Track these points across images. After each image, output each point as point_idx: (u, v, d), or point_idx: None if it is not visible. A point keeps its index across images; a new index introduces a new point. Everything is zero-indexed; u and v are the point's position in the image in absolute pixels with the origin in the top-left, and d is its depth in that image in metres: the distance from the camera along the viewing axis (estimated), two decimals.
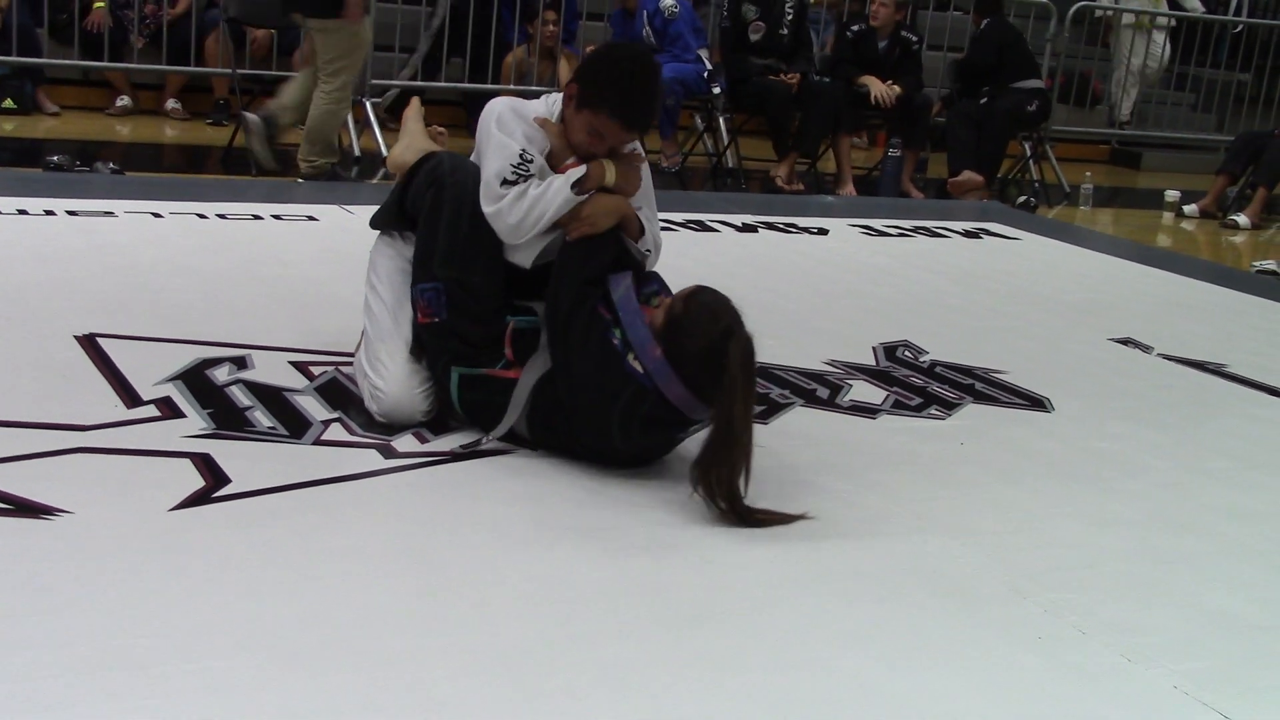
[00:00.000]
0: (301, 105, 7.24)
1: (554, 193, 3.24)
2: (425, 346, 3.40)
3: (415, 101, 4.01)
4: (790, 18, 8.77)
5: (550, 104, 3.42)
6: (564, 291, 3.21)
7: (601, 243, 3.28)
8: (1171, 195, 9.54)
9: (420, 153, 3.64)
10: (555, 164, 3.33)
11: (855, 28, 8.97)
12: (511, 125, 3.32)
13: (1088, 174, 9.81)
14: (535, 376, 3.23)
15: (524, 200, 3.24)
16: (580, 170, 3.27)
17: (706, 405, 3.08)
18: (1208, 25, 11.84)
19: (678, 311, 3.14)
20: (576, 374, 3.17)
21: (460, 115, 9.43)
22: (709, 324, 3.08)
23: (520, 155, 3.26)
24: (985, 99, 9.29)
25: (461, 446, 3.28)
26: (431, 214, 3.40)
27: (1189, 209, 9.43)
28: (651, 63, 3.41)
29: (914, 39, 9.07)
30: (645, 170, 3.46)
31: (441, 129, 3.93)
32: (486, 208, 3.27)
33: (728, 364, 2.97)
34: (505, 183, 3.25)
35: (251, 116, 7.23)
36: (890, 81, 8.74)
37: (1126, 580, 2.95)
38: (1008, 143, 9.50)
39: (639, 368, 3.12)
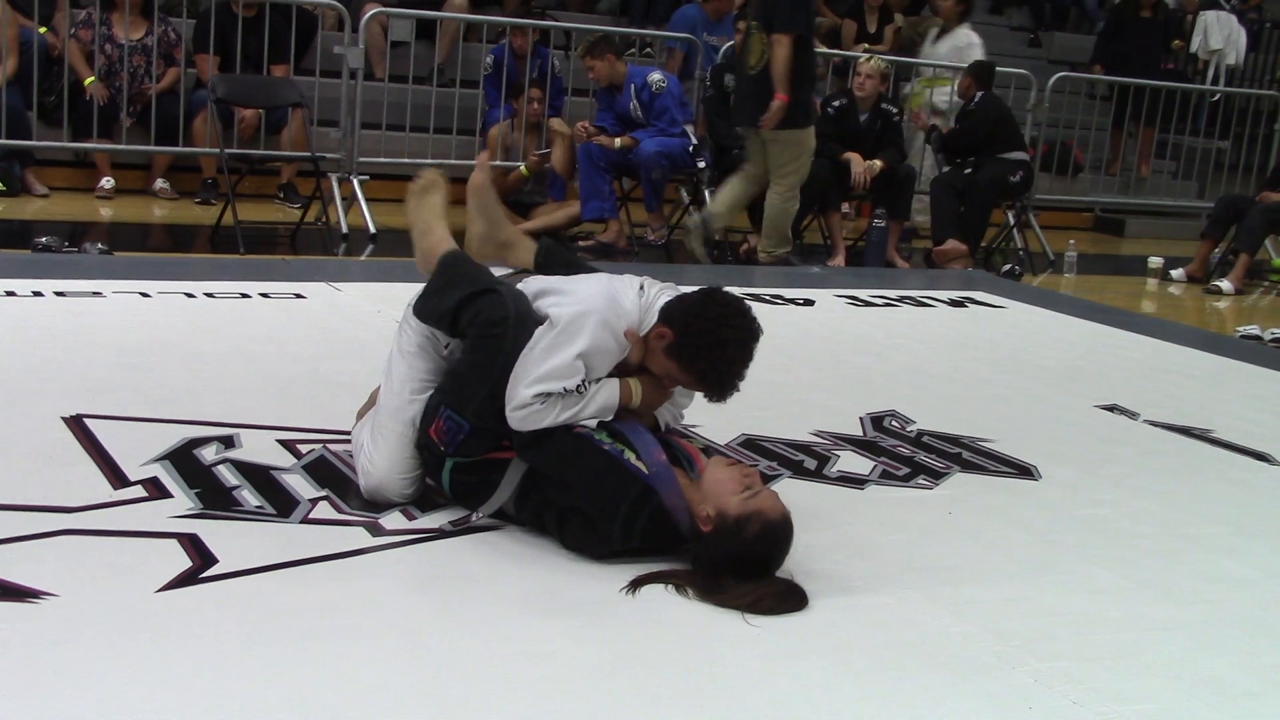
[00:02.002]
0: (735, 208, 8.31)
1: (582, 420, 3.17)
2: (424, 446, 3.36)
3: (427, 177, 3.78)
4: None
5: (644, 304, 3.22)
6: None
7: None
8: (1155, 262, 9.61)
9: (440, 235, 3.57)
10: (625, 370, 3.25)
11: (836, 103, 9.06)
12: (593, 349, 3.13)
13: (1071, 241, 9.88)
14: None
15: (543, 419, 3.13)
16: (612, 406, 3.19)
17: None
18: (1185, 94, 11.97)
19: (752, 523, 3.02)
20: (575, 481, 3.13)
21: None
22: (763, 557, 3.04)
23: (578, 388, 3.13)
24: (970, 169, 9.39)
25: (450, 523, 3.27)
26: (485, 357, 3.22)
27: (1176, 274, 9.52)
28: (754, 335, 3.17)
29: (894, 111, 9.17)
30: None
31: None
32: (509, 404, 3.14)
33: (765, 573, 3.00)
34: (542, 394, 3.12)
35: (693, 217, 8.33)
36: (869, 162, 8.80)
37: (1116, 648, 2.94)
38: (991, 212, 9.59)
39: (642, 467, 3.11)
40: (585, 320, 3.13)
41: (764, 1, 7.89)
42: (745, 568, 3.00)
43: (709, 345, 3.11)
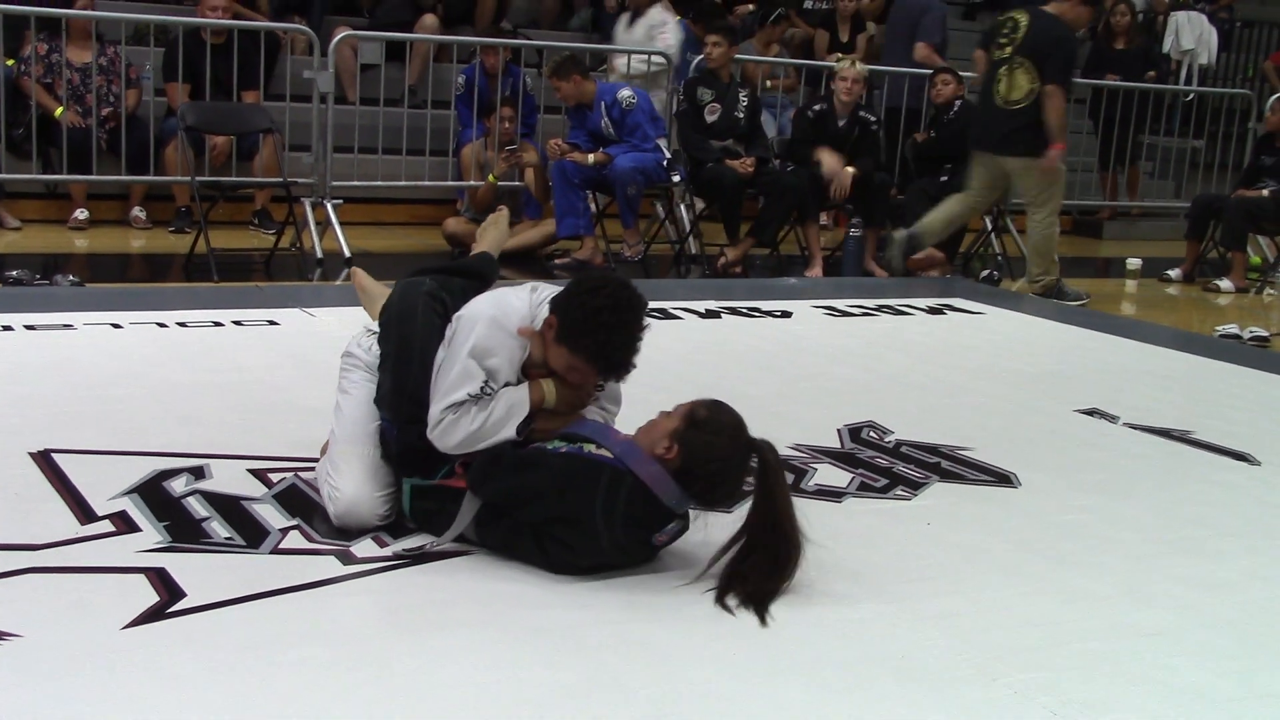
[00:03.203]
0: (946, 229, 8.42)
1: (494, 424, 3.19)
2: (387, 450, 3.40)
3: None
4: (745, 102, 8.85)
5: (535, 301, 3.30)
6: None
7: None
8: (1133, 263, 9.61)
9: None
10: (530, 371, 3.29)
11: (815, 108, 9.04)
12: (485, 348, 3.20)
13: None
14: None
15: (458, 429, 3.18)
16: (523, 409, 3.22)
17: (688, 496, 3.09)
18: (1159, 94, 11.99)
19: (700, 417, 3.13)
20: (543, 489, 3.12)
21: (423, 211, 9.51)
22: (731, 436, 3.12)
23: (481, 388, 3.18)
24: (946, 177, 9.36)
25: (407, 550, 3.25)
26: (383, 353, 3.44)
27: (1173, 274, 9.62)
28: (633, 309, 3.21)
29: (872, 119, 9.15)
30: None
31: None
32: (429, 430, 3.20)
33: (767, 466, 3.05)
34: (450, 405, 3.18)
35: (899, 233, 8.35)
36: (846, 163, 8.79)
37: (1097, 657, 2.92)
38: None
39: (605, 453, 3.12)
40: (472, 324, 3.23)
41: (1033, 44, 8.06)
42: (726, 439, 3.10)
43: (586, 318, 3.16)
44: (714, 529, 3.19)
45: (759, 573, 3.05)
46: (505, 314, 3.27)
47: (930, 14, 10.89)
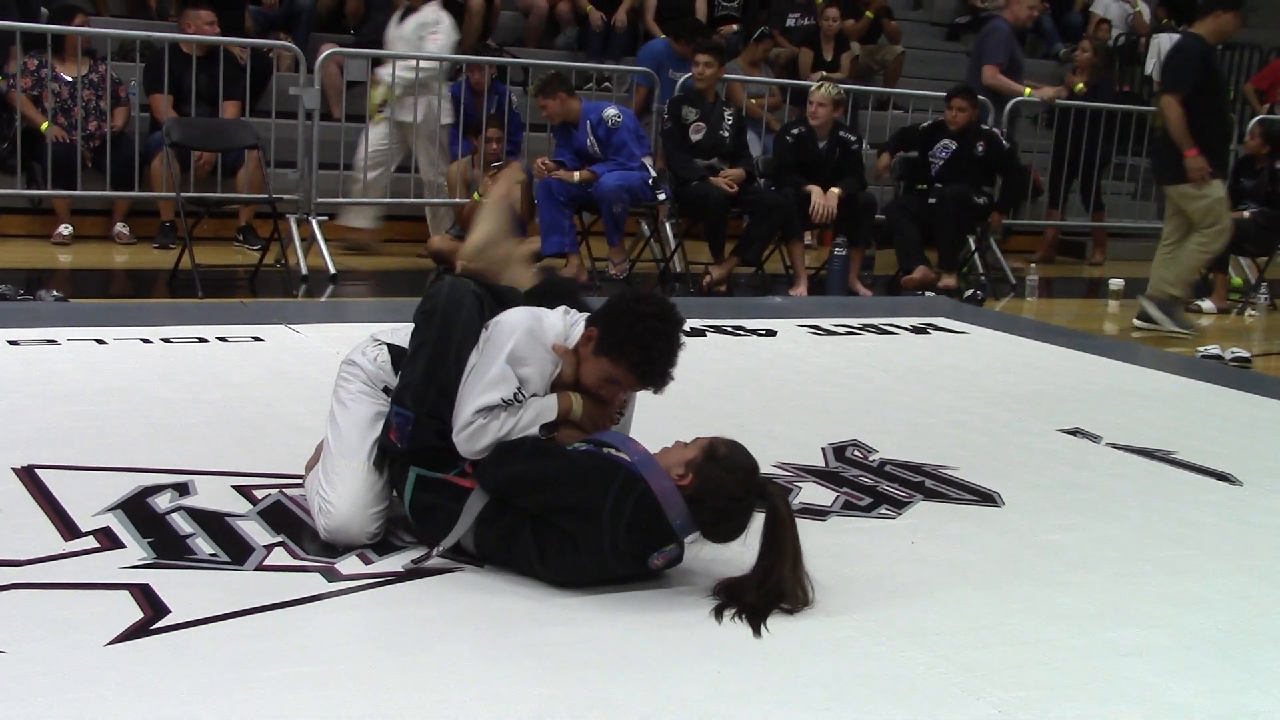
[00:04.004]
0: (1186, 276, 8.37)
1: (520, 429, 3.20)
2: (387, 452, 3.39)
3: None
4: (730, 121, 8.89)
5: (569, 322, 3.36)
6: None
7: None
8: (1116, 284, 9.65)
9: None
10: (560, 387, 3.31)
11: (795, 130, 9.08)
12: (522, 354, 3.22)
13: (1032, 265, 9.92)
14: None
15: (487, 434, 3.18)
16: (551, 412, 3.25)
17: (693, 523, 3.12)
18: (1141, 116, 12.04)
19: (719, 453, 3.16)
20: (555, 478, 3.15)
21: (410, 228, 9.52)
22: (744, 477, 3.15)
23: (515, 394, 3.20)
24: (933, 196, 9.38)
25: (406, 565, 3.24)
26: (418, 340, 3.39)
27: None
28: (676, 319, 3.31)
29: (853, 139, 9.19)
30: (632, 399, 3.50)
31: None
32: (455, 432, 3.20)
33: (777, 515, 3.09)
34: (483, 409, 3.19)
35: (1157, 314, 8.26)
36: (829, 191, 8.82)
37: (1081, 676, 2.92)
38: (963, 232, 9.57)
39: (625, 457, 3.15)
40: (510, 333, 3.25)
41: (1164, 65, 8.32)
42: (739, 479, 3.13)
43: (630, 326, 3.22)
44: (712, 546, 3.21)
45: (760, 599, 3.08)
46: (542, 327, 3.30)
47: (992, 36, 10.93)
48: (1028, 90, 10.62)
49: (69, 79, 8.60)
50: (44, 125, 8.50)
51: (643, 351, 3.22)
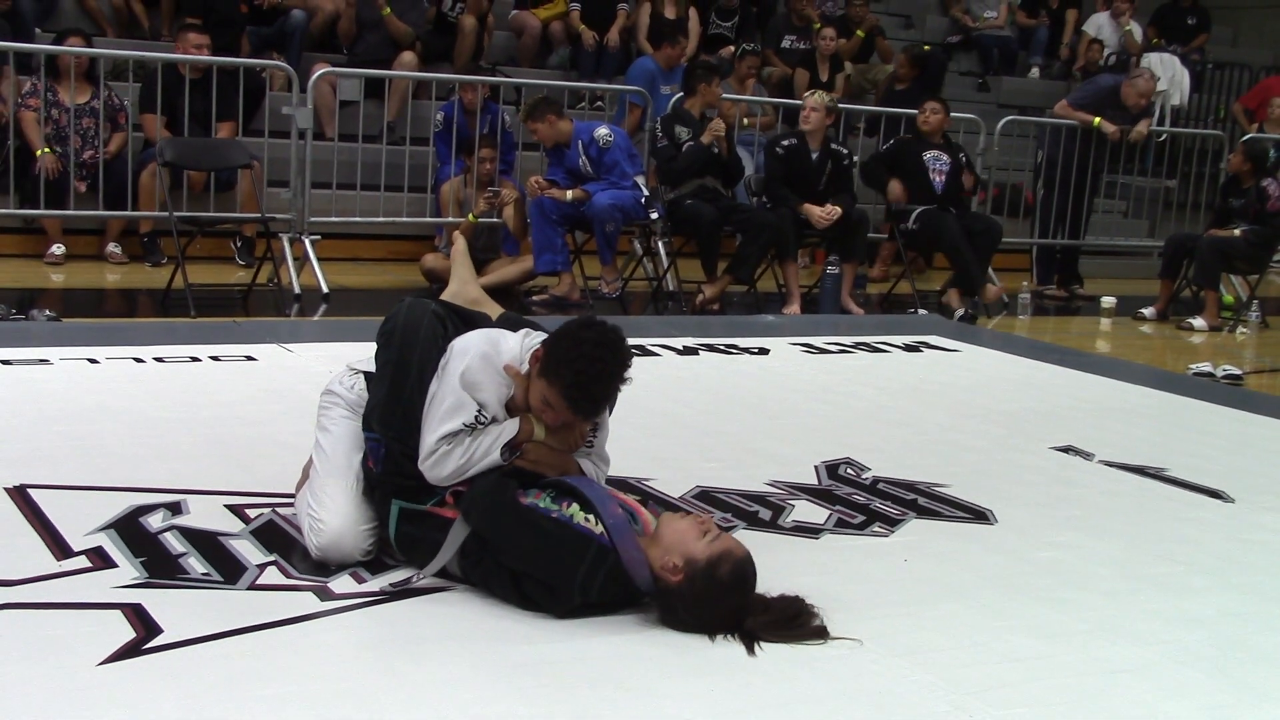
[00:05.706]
0: None
1: (483, 452, 3.22)
2: (371, 482, 3.39)
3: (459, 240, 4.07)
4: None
5: (526, 345, 3.34)
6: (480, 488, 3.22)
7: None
8: (1107, 302, 9.68)
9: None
10: (515, 410, 3.31)
11: (785, 142, 9.06)
12: (475, 379, 3.23)
13: (1024, 283, 9.93)
14: None
15: (450, 460, 3.20)
16: (511, 431, 3.25)
17: (660, 592, 3.11)
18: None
19: (720, 571, 3.06)
20: (526, 549, 3.12)
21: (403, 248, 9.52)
22: (732, 608, 3.07)
23: (475, 417, 3.21)
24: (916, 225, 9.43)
25: (392, 585, 3.25)
26: (380, 362, 3.42)
27: (1147, 312, 9.64)
28: (616, 348, 3.23)
29: (845, 152, 9.21)
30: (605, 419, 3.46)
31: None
32: (420, 460, 3.22)
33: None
34: (445, 436, 3.20)
35: None
36: (827, 208, 8.84)
37: (1074, 694, 2.92)
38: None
39: (592, 527, 3.11)
40: (463, 357, 3.26)
41: None
42: (721, 609, 3.04)
43: (568, 350, 3.18)
44: None
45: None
46: (497, 350, 3.30)
47: (1091, 84, 11.10)
48: (1096, 121, 10.64)
49: (69, 106, 8.56)
50: (40, 151, 8.46)
51: (575, 376, 3.17)
